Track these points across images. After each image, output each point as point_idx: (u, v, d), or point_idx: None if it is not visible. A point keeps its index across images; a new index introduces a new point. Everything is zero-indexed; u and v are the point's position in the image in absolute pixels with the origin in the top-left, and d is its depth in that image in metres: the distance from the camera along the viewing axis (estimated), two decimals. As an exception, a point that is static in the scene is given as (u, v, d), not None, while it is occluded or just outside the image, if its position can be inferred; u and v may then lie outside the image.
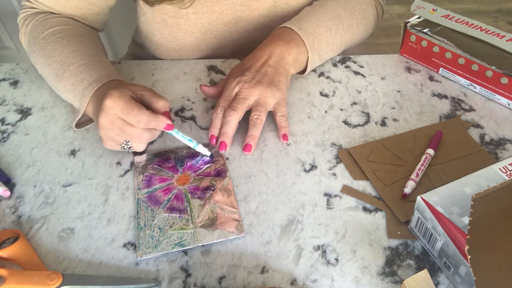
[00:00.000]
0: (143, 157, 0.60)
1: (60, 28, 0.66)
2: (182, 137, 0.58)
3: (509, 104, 0.67)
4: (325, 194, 0.56)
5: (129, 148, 0.55)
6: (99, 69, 0.60)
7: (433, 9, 0.74)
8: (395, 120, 0.66)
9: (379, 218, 0.54)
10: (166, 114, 0.56)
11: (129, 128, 0.53)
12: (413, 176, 0.56)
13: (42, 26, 0.66)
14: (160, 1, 0.68)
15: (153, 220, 0.52)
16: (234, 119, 0.60)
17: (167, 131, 0.56)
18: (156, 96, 0.55)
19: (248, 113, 0.62)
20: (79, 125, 0.62)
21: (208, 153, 0.59)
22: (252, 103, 0.62)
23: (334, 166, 0.60)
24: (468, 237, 0.40)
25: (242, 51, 0.76)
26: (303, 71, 0.71)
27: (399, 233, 0.52)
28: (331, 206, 0.55)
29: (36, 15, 0.68)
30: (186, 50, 0.76)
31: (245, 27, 0.75)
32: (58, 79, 0.61)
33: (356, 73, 0.74)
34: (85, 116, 0.62)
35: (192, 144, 0.58)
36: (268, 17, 0.75)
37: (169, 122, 0.55)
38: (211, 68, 0.75)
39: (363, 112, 0.67)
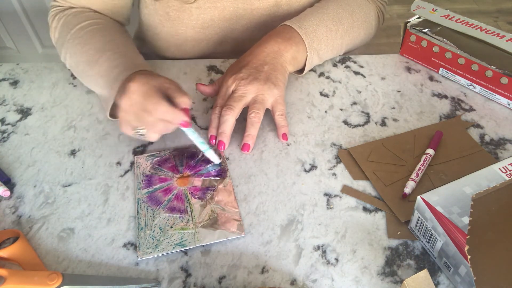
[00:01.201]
0: (143, 157, 0.60)
1: (96, 21, 0.68)
2: (196, 138, 0.57)
3: (509, 104, 0.67)
4: (325, 194, 0.56)
5: (142, 135, 0.55)
6: (134, 58, 0.62)
7: (433, 9, 0.74)
8: (395, 120, 0.66)
9: (379, 218, 0.54)
10: (186, 111, 0.55)
11: (146, 114, 0.52)
12: (413, 176, 0.56)
13: (77, 18, 0.68)
14: None
15: (153, 220, 0.52)
16: (231, 118, 0.60)
17: (182, 128, 0.55)
18: (180, 92, 0.55)
19: (246, 110, 0.62)
20: (113, 115, 0.62)
21: (218, 161, 0.58)
22: (249, 100, 0.61)
23: (334, 166, 0.60)
24: (468, 237, 0.40)
25: (242, 48, 0.76)
26: (301, 70, 0.71)
27: (399, 233, 0.52)
28: (331, 206, 0.55)
29: (66, 10, 0.71)
30: (187, 45, 0.76)
31: (246, 25, 0.76)
32: (92, 64, 0.62)
33: (356, 73, 0.74)
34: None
35: (203, 147, 0.57)
36: (269, 16, 0.75)
37: (186, 119, 0.54)
38: (211, 68, 0.75)
39: (363, 112, 0.67)
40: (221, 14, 0.73)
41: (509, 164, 0.51)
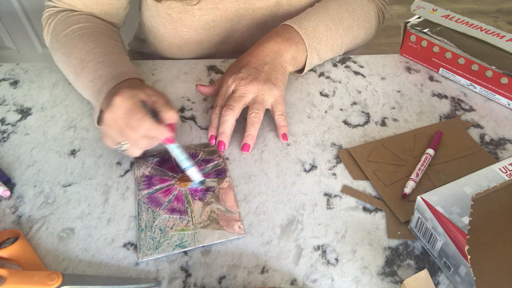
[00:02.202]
0: (143, 157, 0.60)
1: (81, 26, 0.66)
2: (178, 154, 0.55)
3: (509, 104, 0.67)
4: (325, 194, 0.56)
5: (124, 151, 0.53)
6: (119, 66, 0.60)
7: (433, 9, 0.74)
8: (395, 120, 0.66)
9: (379, 218, 0.54)
10: (171, 126, 0.54)
11: (129, 130, 0.51)
12: (413, 176, 0.56)
13: (64, 24, 0.67)
14: None
15: (154, 222, 0.52)
16: (231, 118, 0.60)
17: (165, 144, 0.54)
18: (167, 106, 0.53)
19: (246, 110, 0.62)
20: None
21: (199, 179, 0.56)
22: (249, 100, 0.61)
23: (334, 166, 0.60)
24: (468, 237, 0.40)
25: (243, 48, 0.76)
26: (301, 70, 0.71)
27: (399, 233, 0.52)
28: (331, 206, 0.55)
29: (58, 13, 0.69)
30: (189, 47, 0.76)
31: (247, 25, 0.76)
32: (77, 76, 0.62)
33: (356, 73, 0.74)
34: None
35: (185, 164, 0.55)
36: (270, 16, 0.75)
37: (170, 135, 0.53)
38: (211, 68, 0.75)
39: (363, 112, 0.67)
40: (223, 14, 0.73)
41: (509, 164, 0.51)
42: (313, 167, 0.59)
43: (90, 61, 0.61)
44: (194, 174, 0.56)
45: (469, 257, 0.40)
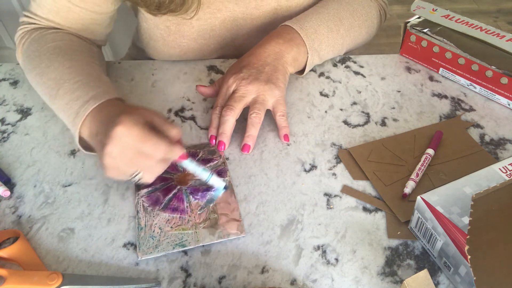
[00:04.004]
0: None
1: (55, 45, 0.62)
2: (195, 167, 0.53)
3: (509, 104, 0.67)
4: (325, 194, 0.56)
5: (139, 180, 0.50)
6: (97, 86, 0.56)
7: (433, 9, 0.74)
8: (395, 120, 0.66)
9: (379, 218, 0.54)
10: (179, 142, 0.52)
11: (143, 159, 0.48)
12: (413, 176, 0.56)
13: (38, 44, 0.63)
14: (164, 13, 0.64)
15: (153, 220, 0.52)
16: (231, 118, 0.60)
17: (180, 162, 0.52)
18: (167, 123, 0.51)
19: (247, 110, 0.62)
20: (87, 148, 0.57)
21: (223, 184, 0.54)
22: (249, 100, 0.61)
23: (334, 166, 0.60)
24: (468, 237, 0.40)
25: (243, 53, 0.76)
26: (302, 71, 0.71)
27: (399, 233, 0.52)
28: (331, 206, 0.55)
29: (33, 31, 0.65)
30: (189, 56, 0.75)
31: (247, 34, 0.76)
32: (52, 98, 0.58)
33: (356, 73, 0.74)
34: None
35: (206, 175, 0.53)
36: (269, 24, 0.75)
37: (183, 151, 0.51)
38: (211, 68, 0.75)
39: (363, 112, 0.67)
40: (222, 24, 0.73)
41: (509, 164, 0.51)
42: (313, 167, 0.59)
43: (66, 81, 0.57)
44: (217, 182, 0.54)
45: (469, 257, 0.40)
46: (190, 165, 0.52)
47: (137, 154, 0.47)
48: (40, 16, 0.65)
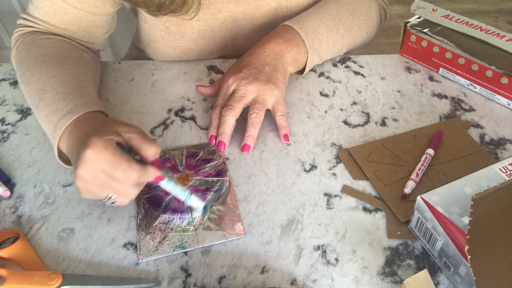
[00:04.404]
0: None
1: (43, 51, 0.61)
2: (173, 188, 0.50)
3: (509, 104, 0.67)
4: (325, 194, 0.56)
5: (112, 203, 0.48)
6: (77, 98, 0.54)
7: (433, 9, 0.74)
8: (395, 120, 0.66)
9: (379, 218, 0.54)
10: (156, 162, 0.49)
11: (116, 183, 0.46)
12: (413, 176, 0.56)
13: (27, 49, 0.62)
14: (164, 14, 0.63)
15: (154, 222, 0.52)
16: (231, 118, 0.60)
17: (156, 183, 0.50)
18: (146, 141, 0.48)
19: (247, 110, 0.62)
20: (68, 161, 0.55)
21: (202, 205, 0.52)
22: (249, 100, 0.61)
23: (334, 166, 0.60)
24: (468, 237, 0.40)
25: (244, 54, 0.76)
26: (301, 71, 0.71)
27: (399, 233, 0.52)
28: (331, 206, 0.55)
29: (27, 35, 0.65)
30: (189, 56, 0.75)
31: (247, 34, 0.76)
32: (35, 108, 0.56)
33: (356, 73, 0.74)
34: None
35: (184, 195, 0.51)
36: (269, 24, 0.75)
37: (159, 173, 0.48)
38: (211, 68, 0.75)
39: (363, 112, 0.67)
40: (222, 24, 0.73)
41: (509, 164, 0.51)
42: (313, 167, 0.59)
43: (48, 91, 0.55)
44: (195, 202, 0.52)
45: (469, 257, 0.40)
46: (167, 186, 0.50)
47: (108, 179, 0.46)
48: (37, 18, 0.65)
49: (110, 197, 0.47)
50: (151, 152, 0.48)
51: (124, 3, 0.67)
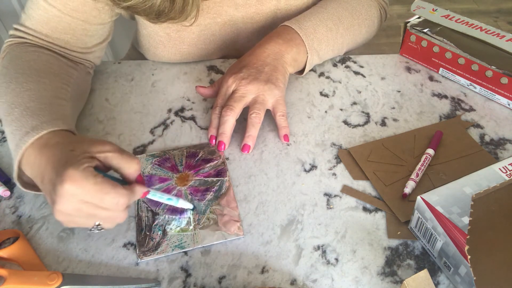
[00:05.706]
0: (143, 157, 0.60)
1: (25, 64, 0.58)
2: (160, 197, 0.50)
3: (509, 104, 0.67)
4: (325, 194, 0.56)
5: (101, 229, 0.47)
6: (44, 114, 0.50)
7: (433, 9, 0.74)
8: (395, 120, 0.66)
9: (379, 218, 0.54)
10: (139, 177, 0.47)
11: (103, 211, 0.44)
12: (413, 176, 0.56)
13: (9, 60, 0.59)
14: (163, 21, 0.61)
15: (153, 222, 0.52)
16: (231, 118, 0.60)
17: (143, 197, 0.49)
18: (125, 158, 0.46)
19: (247, 110, 0.62)
20: (27, 184, 0.52)
21: (191, 206, 0.52)
22: (249, 100, 0.61)
23: (334, 166, 0.60)
24: (468, 237, 0.40)
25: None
26: (301, 71, 0.71)
27: (399, 233, 0.52)
28: (331, 206, 0.55)
29: (15, 47, 0.62)
30: (190, 60, 0.75)
31: (247, 37, 0.76)
32: (4, 123, 0.53)
33: (356, 73, 0.74)
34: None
35: (172, 202, 0.50)
36: (269, 27, 0.75)
37: (145, 189, 0.47)
38: (211, 68, 0.75)
39: (363, 112, 0.67)
40: (222, 28, 0.73)
41: (509, 164, 0.51)
42: (313, 167, 0.59)
43: (18, 105, 0.52)
44: (185, 204, 0.51)
45: (469, 257, 0.40)
46: (154, 197, 0.50)
47: (94, 208, 0.44)
48: (28, 27, 0.62)
49: (99, 224, 0.46)
50: (133, 169, 0.46)
51: (121, 12, 0.67)
